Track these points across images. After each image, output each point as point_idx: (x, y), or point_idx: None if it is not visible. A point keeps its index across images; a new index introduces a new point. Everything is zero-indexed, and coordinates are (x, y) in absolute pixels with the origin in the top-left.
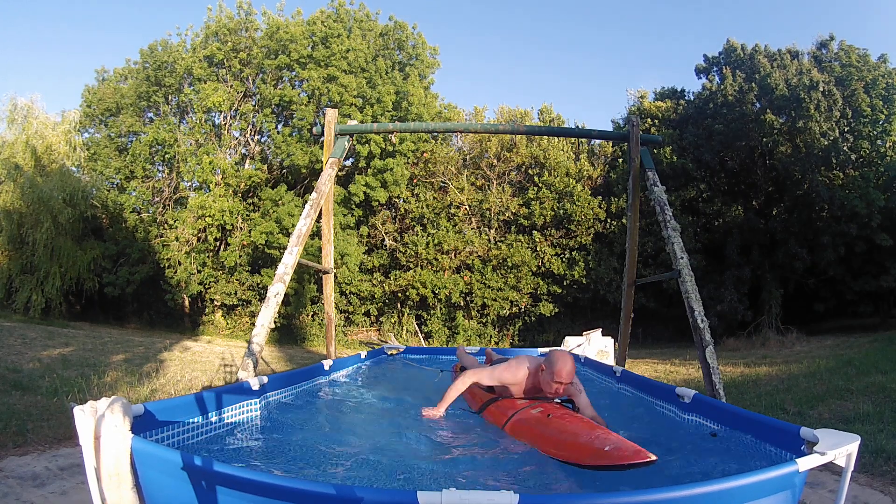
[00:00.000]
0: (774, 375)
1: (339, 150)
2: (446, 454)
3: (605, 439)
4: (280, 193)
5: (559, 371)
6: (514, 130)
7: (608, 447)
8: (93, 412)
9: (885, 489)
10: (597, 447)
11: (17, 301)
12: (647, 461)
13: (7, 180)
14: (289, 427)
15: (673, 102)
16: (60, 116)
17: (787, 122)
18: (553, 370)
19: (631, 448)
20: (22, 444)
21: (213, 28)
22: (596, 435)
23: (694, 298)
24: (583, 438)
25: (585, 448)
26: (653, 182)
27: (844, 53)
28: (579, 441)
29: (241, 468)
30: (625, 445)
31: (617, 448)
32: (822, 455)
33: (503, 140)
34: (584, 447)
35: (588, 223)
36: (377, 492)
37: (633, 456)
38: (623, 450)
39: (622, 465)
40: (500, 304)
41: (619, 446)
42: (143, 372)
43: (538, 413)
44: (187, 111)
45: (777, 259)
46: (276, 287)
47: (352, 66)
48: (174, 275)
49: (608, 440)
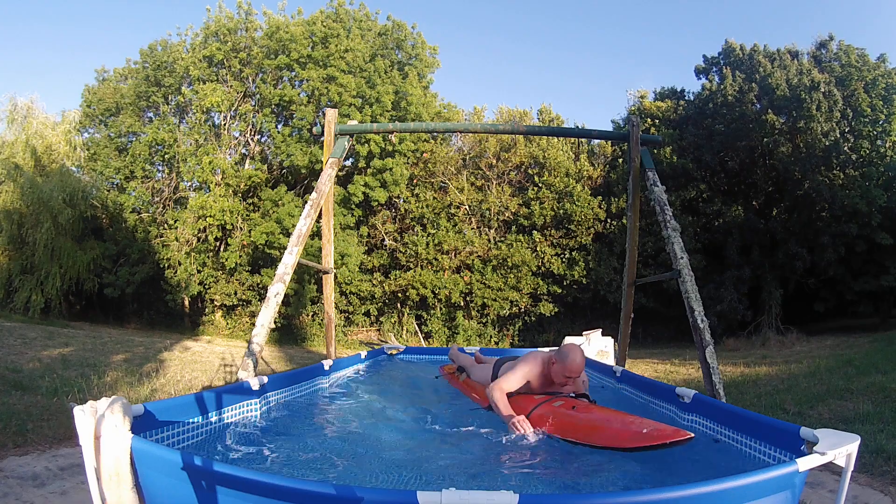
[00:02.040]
0: (774, 375)
1: (339, 150)
2: (446, 454)
3: (641, 423)
4: (280, 193)
5: (571, 362)
6: (513, 130)
7: (646, 430)
8: (93, 412)
9: (885, 489)
10: (635, 430)
11: (17, 301)
12: (687, 438)
13: (7, 180)
14: (289, 427)
15: (673, 102)
16: (60, 116)
17: (788, 123)
18: (565, 362)
19: (669, 428)
20: (22, 444)
21: (213, 28)
22: (629, 420)
23: (694, 298)
24: (616, 424)
25: (623, 433)
26: (653, 182)
27: (844, 53)
28: (614, 427)
29: (241, 468)
30: (661, 426)
31: (655, 429)
32: (822, 455)
33: (503, 140)
34: (622, 432)
35: (588, 223)
36: (377, 492)
37: (672, 434)
38: (662, 430)
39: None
40: (500, 304)
41: (657, 427)
42: (143, 372)
43: (560, 406)
44: (187, 111)
45: (777, 259)
46: (276, 287)
47: (350, 66)
48: (174, 275)
49: (644, 423)
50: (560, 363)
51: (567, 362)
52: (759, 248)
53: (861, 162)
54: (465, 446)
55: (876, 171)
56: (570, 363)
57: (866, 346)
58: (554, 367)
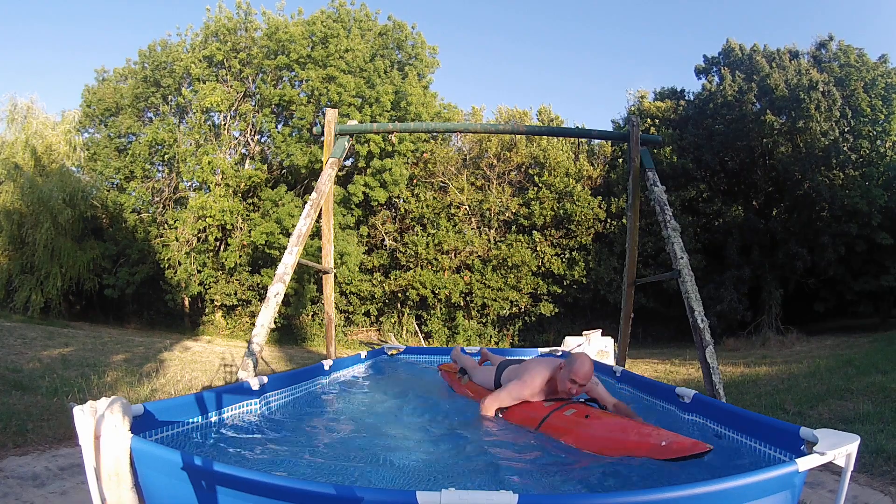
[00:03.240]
0: (774, 375)
1: (339, 150)
2: (446, 454)
3: (658, 434)
4: (280, 193)
5: (577, 370)
6: (514, 130)
7: (664, 442)
8: (93, 412)
9: (885, 489)
10: (653, 443)
11: (17, 301)
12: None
13: (7, 180)
14: (289, 427)
15: (673, 102)
16: (60, 116)
17: (787, 123)
18: (571, 369)
19: (687, 441)
20: (22, 444)
21: (213, 28)
22: (647, 431)
23: (694, 298)
24: (633, 436)
25: (641, 445)
26: (653, 182)
27: (843, 53)
28: (630, 438)
29: (241, 468)
30: (679, 438)
31: (674, 442)
32: (821, 455)
33: (503, 140)
34: (640, 444)
35: (588, 223)
36: (377, 492)
37: (691, 448)
38: (680, 443)
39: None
40: (500, 304)
41: (675, 440)
42: (143, 372)
43: (573, 415)
44: (187, 111)
45: (777, 259)
46: (276, 287)
47: (350, 66)
48: (174, 275)
49: (660, 435)
50: (567, 369)
51: (573, 369)
52: (759, 248)
53: (861, 162)
54: (465, 446)
55: (876, 171)
56: (575, 370)
57: (866, 346)
58: (560, 374)
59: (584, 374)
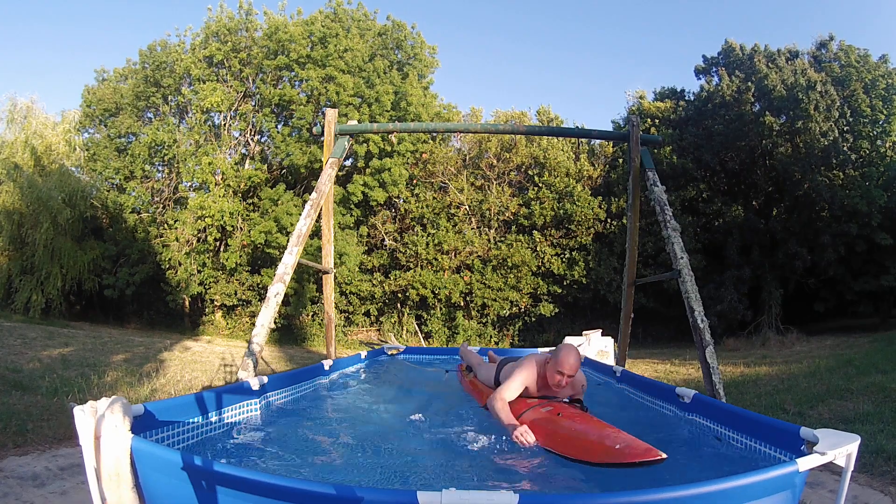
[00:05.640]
0: (774, 375)
1: (339, 149)
2: (446, 454)
3: (616, 438)
4: (279, 193)
5: (562, 360)
6: (513, 130)
7: (618, 445)
8: (93, 412)
9: (885, 489)
10: (607, 445)
11: (17, 301)
12: (658, 459)
13: (7, 180)
14: (289, 427)
15: (672, 103)
16: (60, 116)
17: (787, 123)
18: (557, 359)
19: (641, 446)
20: (22, 444)
21: (214, 28)
22: (606, 433)
23: (694, 298)
24: (593, 437)
25: (596, 446)
26: (653, 182)
27: (844, 53)
28: (589, 439)
29: (241, 468)
30: (635, 444)
31: (628, 446)
32: (822, 455)
33: (503, 140)
34: (595, 445)
35: (588, 223)
36: (377, 492)
37: (643, 454)
38: (633, 448)
39: (632, 464)
40: (500, 304)
41: (630, 444)
42: (143, 372)
43: (547, 412)
44: (187, 111)
45: (777, 259)
46: (276, 287)
47: (349, 66)
48: (174, 275)
49: (618, 438)
50: (553, 360)
51: (558, 359)
52: (759, 248)
53: (861, 162)
54: (465, 446)
55: (876, 171)
56: (560, 360)
57: (866, 346)
58: (548, 367)
59: (571, 365)
